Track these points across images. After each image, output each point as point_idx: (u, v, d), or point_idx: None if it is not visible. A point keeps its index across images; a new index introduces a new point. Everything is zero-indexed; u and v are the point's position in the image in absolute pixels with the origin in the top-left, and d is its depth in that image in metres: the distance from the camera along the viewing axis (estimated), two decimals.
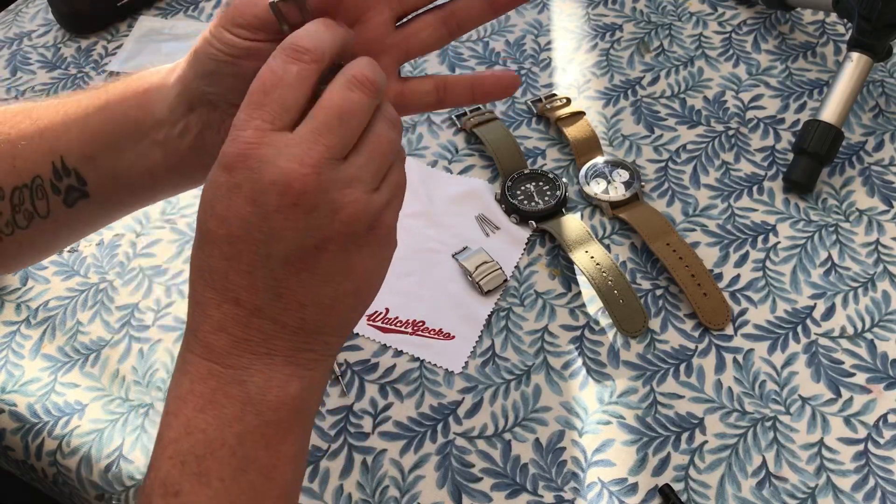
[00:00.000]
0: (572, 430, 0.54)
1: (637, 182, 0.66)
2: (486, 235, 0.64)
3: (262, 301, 0.36)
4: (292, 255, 0.35)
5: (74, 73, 0.79)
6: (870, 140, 0.69)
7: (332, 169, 0.35)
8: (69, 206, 0.45)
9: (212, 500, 0.35)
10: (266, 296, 0.36)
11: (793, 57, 0.76)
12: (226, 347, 0.36)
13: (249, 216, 0.35)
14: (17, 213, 0.45)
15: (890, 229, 0.63)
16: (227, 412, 0.36)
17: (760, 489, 0.51)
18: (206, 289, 0.37)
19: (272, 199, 0.34)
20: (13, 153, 0.45)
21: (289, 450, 0.37)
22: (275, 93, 0.35)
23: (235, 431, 0.36)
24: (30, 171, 0.45)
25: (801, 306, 0.59)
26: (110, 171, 0.45)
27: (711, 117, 0.71)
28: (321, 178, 0.35)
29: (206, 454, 0.35)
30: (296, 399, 0.37)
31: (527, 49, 0.78)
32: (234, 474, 0.36)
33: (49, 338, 0.61)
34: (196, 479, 0.35)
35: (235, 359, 0.36)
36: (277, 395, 0.37)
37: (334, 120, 0.35)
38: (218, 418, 0.36)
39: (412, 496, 0.52)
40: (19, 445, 0.57)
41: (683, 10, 0.81)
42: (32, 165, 0.45)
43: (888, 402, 0.54)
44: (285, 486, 0.37)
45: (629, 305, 0.59)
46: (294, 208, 0.35)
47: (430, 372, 0.57)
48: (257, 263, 0.35)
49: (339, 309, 0.37)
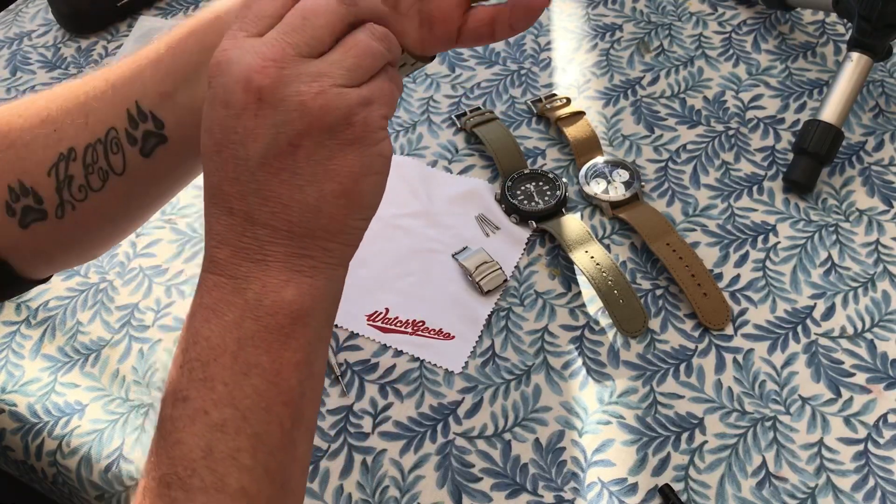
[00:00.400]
0: (572, 430, 0.54)
1: (637, 182, 0.66)
2: (486, 235, 0.64)
3: (250, 207, 0.37)
4: (269, 154, 0.36)
5: (74, 73, 0.79)
6: (870, 140, 0.69)
7: (297, 63, 0.36)
8: (146, 157, 0.44)
9: (216, 403, 0.36)
10: (254, 201, 0.36)
11: (793, 57, 0.76)
12: (227, 258, 0.37)
13: (224, 120, 0.36)
14: (90, 174, 0.44)
15: (890, 229, 0.63)
16: (228, 319, 0.37)
17: (760, 489, 0.51)
18: (209, 205, 0.38)
19: (239, 98, 0.35)
20: (85, 111, 0.44)
21: (292, 356, 0.38)
22: (254, 5, 0.37)
23: (235, 337, 0.37)
24: (103, 124, 0.44)
25: (801, 306, 0.59)
26: (189, 106, 0.43)
27: (711, 117, 0.71)
28: (283, 72, 0.35)
29: (210, 360, 0.37)
30: (293, 304, 0.37)
31: (527, 49, 0.78)
32: (237, 378, 0.37)
33: (49, 338, 0.61)
34: (202, 385, 0.36)
35: (235, 268, 0.37)
36: (273, 300, 0.37)
37: (297, 20, 0.36)
38: (220, 326, 0.37)
39: (412, 496, 0.52)
40: (19, 445, 0.57)
41: (683, 10, 0.81)
42: (106, 118, 0.44)
43: (888, 402, 0.54)
44: (291, 392, 0.38)
45: (629, 305, 0.59)
46: (260, 104, 0.35)
47: (430, 372, 0.57)
48: (240, 168, 0.36)
49: (327, 210, 0.37)
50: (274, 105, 0.35)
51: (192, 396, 0.36)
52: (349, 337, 0.59)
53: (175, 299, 0.62)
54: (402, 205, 0.66)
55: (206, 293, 0.37)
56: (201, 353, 0.37)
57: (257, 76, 0.35)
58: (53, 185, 0.44)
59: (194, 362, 0.37)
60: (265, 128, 0.35)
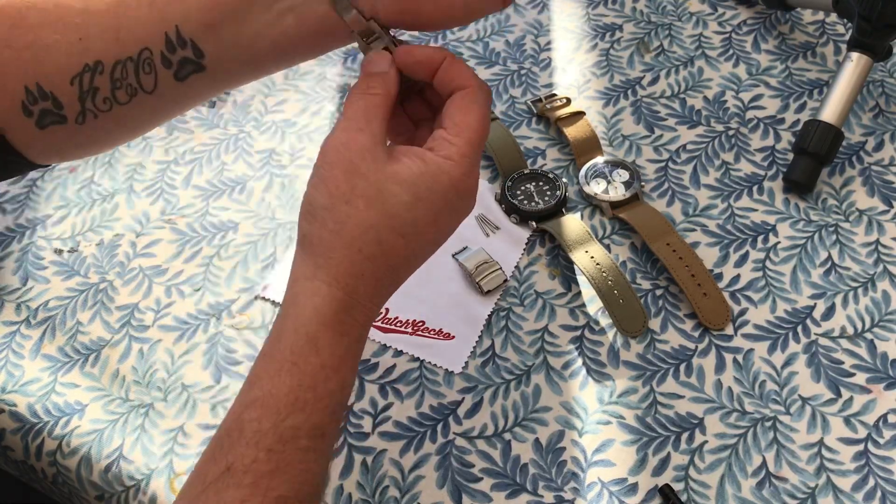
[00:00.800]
0: (572, 430, 0.54)
1: (637, 182, 0.66)
2: (486, 235, 0.64)
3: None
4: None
5: None
6: (870, 140, 0.69)
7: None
8: (179, 81, 0.43)
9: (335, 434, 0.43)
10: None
11: (793, 57, 0.76)
12: (376, 315, 0.44)
13: (450, 221, 0.44)
14: (117, 90, 0.43)
15: (890, 229, 0.63)
16: (357, 365, 0.44)
17: (760, 489, 0.51)
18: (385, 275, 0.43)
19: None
20: (116, 24, 0.42)
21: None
22: (486, 135, 0.44)
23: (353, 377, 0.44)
24: (137, 42, 0.42)
25: (801, 306, 0.59)
26: (233, 41, 0.42)
27: (711, 117, 0.71)
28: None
29: (344, 401, 0.43)
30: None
31: (527, 49, 0.78)
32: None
33: (49, 338, 0.61)
34: (336, 425, 0.42)
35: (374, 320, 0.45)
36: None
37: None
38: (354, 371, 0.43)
39: (412, 496, 0.52)
40: (19, 445, 0.57)
41: (683, 10, 0.81)
42: (141, 36, 0.42)
43: (888, 402, 0.54)
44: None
45: (629, 305, 0.59)
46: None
47: (430, 372, 0.57)
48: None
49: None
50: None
51: (328, 432, 0.42)
52: None
53: (175, 299, 0.62)
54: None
55: (356, 342, 0.43)
56: (343, 398, 0.42)
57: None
58: (76, 93, 0.43)
59: (336, 405, 0.42)
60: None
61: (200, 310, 0.62)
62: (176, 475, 0.54)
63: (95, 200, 0.69)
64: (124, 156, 0.72)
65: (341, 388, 0.42)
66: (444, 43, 0.79)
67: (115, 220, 0.67)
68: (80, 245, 0.66)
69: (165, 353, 0.60)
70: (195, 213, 0.67)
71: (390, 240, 0.41)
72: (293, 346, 0.41)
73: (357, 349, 0.43)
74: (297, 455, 0.40)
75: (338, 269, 0.41)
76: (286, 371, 0.40)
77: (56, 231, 0.67)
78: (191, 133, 0.73)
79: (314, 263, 0.42)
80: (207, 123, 0.74)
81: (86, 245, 0.66)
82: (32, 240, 0.67)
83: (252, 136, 0.73)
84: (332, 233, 0.41)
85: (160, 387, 0.58)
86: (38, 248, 0.66)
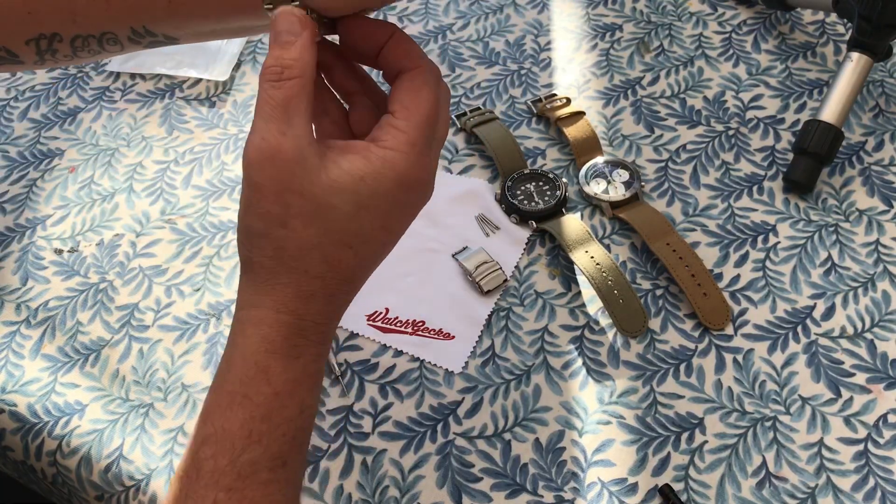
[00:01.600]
0: (572, 430, 0.54)
1: (637, 182, 0.66)
2: (486, 235, 0.64)
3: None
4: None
5: (74, 73, 0.79)
6: (870, 140, 0.69)
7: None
8: (150, 46, 0.43)
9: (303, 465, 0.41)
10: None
11: (793, 57, 0.76)
12: (334, 329, 0.41)
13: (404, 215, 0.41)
14: (79, 51, 0.43)
15: (890, 229, 0.63)
16: (320, 382, 0.41)
17: (760, 489, 0.51)
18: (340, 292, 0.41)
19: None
20: (72, 10, 0.41)
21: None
22: (438, 120, 0.40)
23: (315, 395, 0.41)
24: (97, 28, 0.42)
25: (801, 306, 0.59)
26: (209, 30, 0.42)
27: (711, 117, 0.71)
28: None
29: (308, 427, 0.41)
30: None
31: (527, 49, 0.78)
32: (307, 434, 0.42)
33: (49, 338, 0.61)
34: (299, 450, 0.40)
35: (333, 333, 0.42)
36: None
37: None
38: (313, 396, 0.41)
39: (412, 496, 0.52)
40: (19, 446, 0.57)
41: (683, 10, 0.81)
42: (100, 24, 0.42)
43: (888, 402, 0.54)
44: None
45: (629, 305, 0.59)
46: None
47: (430, 372, 0.57)
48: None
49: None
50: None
51: (290, 461, 0.39)
52: (349, 337, 0.59)
53: (175, 299, 0.62)
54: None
55: (311, 363, 0.40)
56: (306, 423, 0.40)
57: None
58: (33, 50, 0.43)
59: (298, 431, 0.39)
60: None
61: (200, 310, 0.62)
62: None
63: (95, 200, 0.69)
64: (124, 156, 0.72)
65: (300, 412, 0.39)
66: (443, 42, 0.79)
67: (115, 220, 0.67)
68: (80, 245, 0.66)
69: (165, 353, 0.60)
70: (195, 213, 0.67)
71: (337, 254, 0.38)
72: (243, 376, 0.38)
73: (315, 368, 0.40)
74: (258, 490, 0.38)
75: (284, 295, 0.38)
76: (237, 404, 0.38)
77: (56, 231, 0.67)
78: (191, 133, 0.73)
79: (258, 290, 0.39)
80: (207, 123, 0.74)
81: (86, 245, 0.66)
82: (32, 240, 0.67)
83: None
84: (273, 259, 0.38)
85: (160, 387, 0.58)
86: (38, 248, 0.66)
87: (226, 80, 0.77)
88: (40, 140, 0.74)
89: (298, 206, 0.37)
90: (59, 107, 0.77)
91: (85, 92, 0.78)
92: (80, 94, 0.77)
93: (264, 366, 0.38)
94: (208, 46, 0.79)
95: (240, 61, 0.79)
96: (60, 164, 0.72)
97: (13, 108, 0.77)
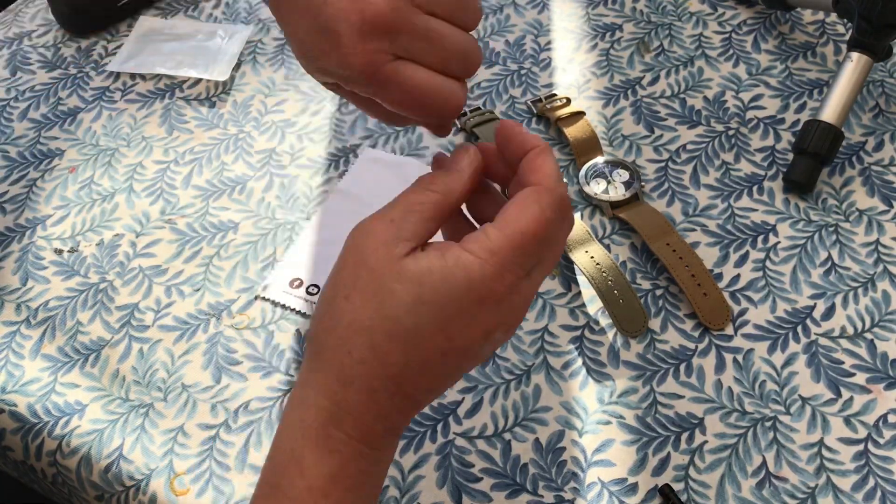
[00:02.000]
0: (572, 430, 0.54)
1: (637, 182, 0.66)
2: None
3: (423, 394, 0.39)
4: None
5: (74, 74, 0.79)
6: (870, 140, 0.69)
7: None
8: None
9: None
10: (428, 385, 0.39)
11: (793, 57, 0.76)
12: (381, 433, 0.38)
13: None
14: None
15: (890, 229, 0.63)
16: (367, 491, 0.38)
17: (760, 489, 0.51)
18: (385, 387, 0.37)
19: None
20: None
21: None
22: (542, 244, 0.37)
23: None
24: None
25: (801, 306, 0.59)
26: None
27: (711, 117, 0.71)
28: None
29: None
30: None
31: (527, 49, 0.78)
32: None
33: (49, 338, 0.61)
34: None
35: (383, 440, 0.38)
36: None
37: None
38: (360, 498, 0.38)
39: (412, 496, 0.52)
40: (19, 446, 0.57)
41: (683, 10, 0.81)
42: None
43: (888, 402, 0.54)
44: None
45: (629, 305, 0.59)
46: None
47: None
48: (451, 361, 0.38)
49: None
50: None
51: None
52: None
53: (175, 299, 0.62)
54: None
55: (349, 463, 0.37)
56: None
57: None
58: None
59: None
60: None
61: (200, 310, 0.62)
62: (176, 475, 0.54)
63: (95, 200, 0.69)
64: (124, 156, 0.72)
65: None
66: None
67: (115, 220, 0.67)
68: (80, 245, 0.66)
69: (165, 353, 0.60)
70: (195, 213, 0.67)
71: (385, 344, 0.36)
72: (277, 464, 0.36)
73: (356, 469, 0.37)
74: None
75: (326, 375, 0.36)
76: (268, 496, 0.36)
77: (56, 231, 0.67)
78: (191, 133, 0.73)
79: (309, 367, 0.37)
80: (207, 123, 0.74)
81: (86, 245, 0.66)
82: (32, 240, 0.67)
83: (252, 136, 0.73)
84: (326, 330, 0.37)
85: (160, 387, 0.58)
86: (38, 248, 0.66)
87: (226, 80, 0.77)
88: (40, 140, 0.74)
89: (365, 281, 0.36)
90: (59, 107, 0.77)
91: (85, 92, 0.78)
92: (80, 94, 0.77)
93: (299, 454, 0.36)
94: (209, 46, 0.79)
95: (240, 61, 0.79)
96: (60, 164, 0.72)
97: (13, 108, 0.77)
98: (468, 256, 0.35)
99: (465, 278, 0.35)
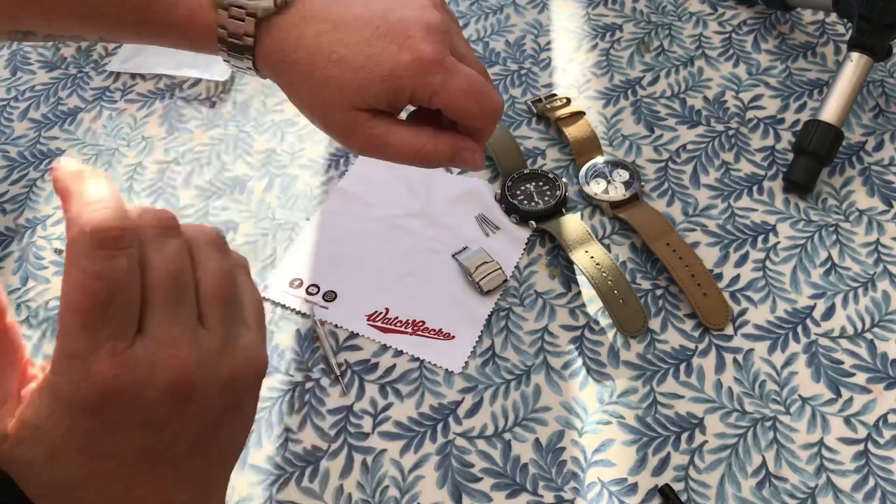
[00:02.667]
0: (572, 430, 0.54)
1: (637, 182, 0.66)
2: (486, 235, 0.64)
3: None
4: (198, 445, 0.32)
5: (74, 73, 0.79)
6: (870, 140, 0.69)
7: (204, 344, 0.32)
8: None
9: None
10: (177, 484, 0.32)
11: (793, 57, 0.76)
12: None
13: (144, 438, 0.31)
14: (51, 40, 0.48)
15: (890, 229, 0.63)
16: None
17: (760, 489, 0.51)
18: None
19: (165, 410, 0.30)
20: (47, 15, 0.45)
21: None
22: (116, 302, 0.29)
23: None
24: (71, 35, 0.47)
25: (801, 306, 0.59)
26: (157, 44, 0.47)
27: (711, 117, 0.71)
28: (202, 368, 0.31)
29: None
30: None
31: (527, 49, 0.78)
32: None
33: (49, 338, 0.61)
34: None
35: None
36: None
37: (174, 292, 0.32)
38: None
39: (412, 496, 0.52)
40: None
41: (683, 10, 0.81)
42: (75, 33, 0.47)
43: (888, 402, 0.54)
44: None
45: (629, 305, 0.59)
46: (187, 404, 0.31)
47: (430, 372, 0.57)
48: (164, 472, 0.32)
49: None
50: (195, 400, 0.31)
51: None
52: (349, 337, 0.59)
53: None
54: (402, 205, 0.66)
55: None
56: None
57: (184, 380, 0.30)
58: (6, 37, 0.47)
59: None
60: (192, 424, 0.31)
61: None
62: None
63: None
64: (124, 156, 0.72)
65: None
66: None
67: None
68: None
69: None
70: (195, 213, 0.67)
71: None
72: None
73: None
74: None
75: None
76: None
77: (56, 231, 0.67)
78: (191, 133, 0.73)
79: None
80: (207, 123, 0.74)
81: None
82: (32, 240, 0.67)
83: (252, 136, 0.73)
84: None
85: None
86: (38, 248, 0.66)
87: (226, 80, 0.77)
88: (40, 140, 0.74)
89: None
90: (59, 107, 0.77)
91: (85, 92, 0.78)
92: (80, 94, 0.77)
93: None
94: None
95: None
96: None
97: (13, 108, 0.77)
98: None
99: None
